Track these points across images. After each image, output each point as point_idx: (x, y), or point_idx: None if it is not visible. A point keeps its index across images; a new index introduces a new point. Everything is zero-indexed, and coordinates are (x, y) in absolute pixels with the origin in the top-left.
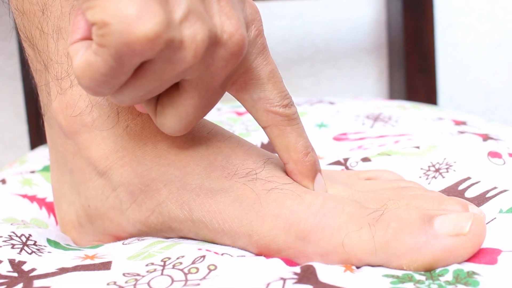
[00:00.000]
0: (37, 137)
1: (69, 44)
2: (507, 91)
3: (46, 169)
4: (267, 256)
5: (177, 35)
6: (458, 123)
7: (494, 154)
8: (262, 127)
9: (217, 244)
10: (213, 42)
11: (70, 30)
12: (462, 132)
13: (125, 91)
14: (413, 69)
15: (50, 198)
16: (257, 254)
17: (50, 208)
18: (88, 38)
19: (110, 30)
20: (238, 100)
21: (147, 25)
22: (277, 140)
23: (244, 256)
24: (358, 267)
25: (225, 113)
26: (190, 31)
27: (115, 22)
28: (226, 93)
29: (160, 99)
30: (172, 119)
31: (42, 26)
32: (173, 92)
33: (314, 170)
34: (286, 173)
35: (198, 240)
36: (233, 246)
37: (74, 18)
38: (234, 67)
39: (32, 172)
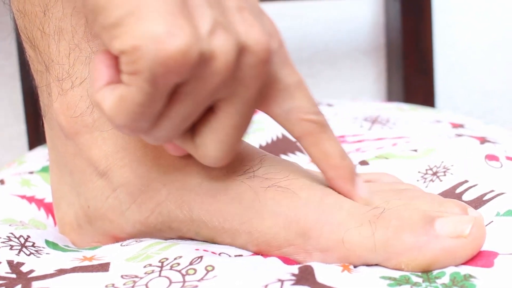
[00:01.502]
0: (35, 137)
1: (94, 92)
2: (506, 91)
3: (44, 169)
4: (265, 254)
5: (207, 47)
6: (455, 125)
7: (491, 157)
8: (296, 138)
9: (217, 243)
10: (241, 50)
11: (91, 79)
12: (459, 135)
13: (161, 123)
14: (411, 70)
15: (48, 199)
16: (256, 252)
17: (48, 209)
18: (112, 82)
19: (143, 52)
20: (268, 115)
21: (179, 39)
22: (314, 149)
23: (242, 255)
24: (355, 266)
25: None
26: (218, 41)
27: (147, 43)
28: None
29: (196, 131)
30: (213, 146)
31: (44, 27)
32: (208, 118)
33: (354, 174)
34: (328, 183)
35: (197, 240)
36: (232, 245)
37: (92, 67)
38: (264, 77)
39: (31, 172)
